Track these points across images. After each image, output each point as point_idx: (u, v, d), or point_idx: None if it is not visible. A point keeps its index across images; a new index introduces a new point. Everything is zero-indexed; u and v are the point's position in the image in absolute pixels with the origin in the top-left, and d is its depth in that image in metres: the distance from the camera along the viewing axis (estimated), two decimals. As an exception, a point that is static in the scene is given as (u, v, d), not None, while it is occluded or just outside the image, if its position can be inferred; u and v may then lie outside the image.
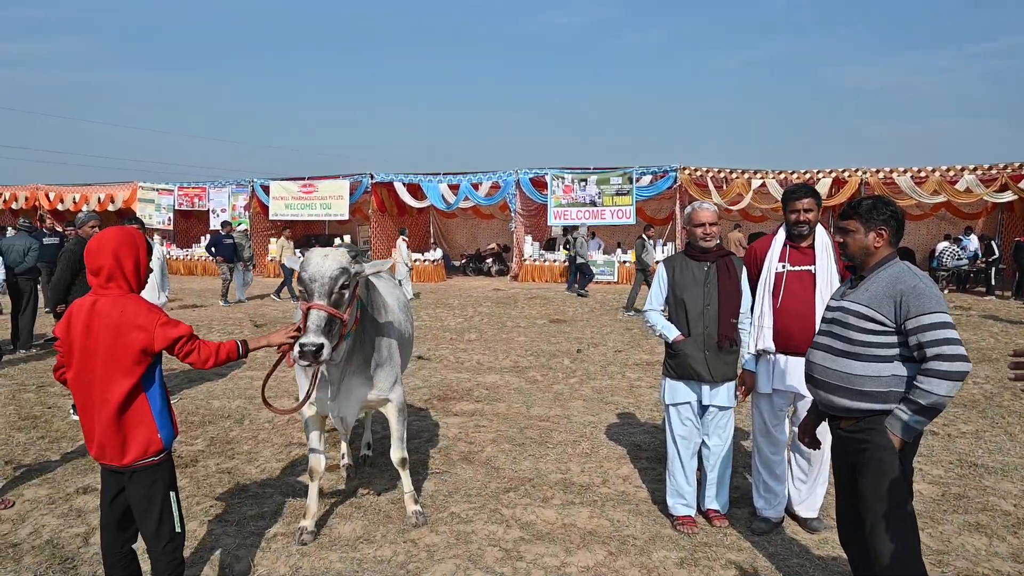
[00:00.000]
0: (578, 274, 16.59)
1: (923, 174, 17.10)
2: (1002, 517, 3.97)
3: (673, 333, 3.80)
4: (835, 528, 3.06)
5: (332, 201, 21.84)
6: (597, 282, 17.98)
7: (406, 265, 15.72)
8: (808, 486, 3.84)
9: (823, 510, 3.91)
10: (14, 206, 25.73)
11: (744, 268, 3.84)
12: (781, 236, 3.79)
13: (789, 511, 3.94)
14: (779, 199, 18.46)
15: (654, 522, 3.95)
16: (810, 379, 2.81)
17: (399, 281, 15.22)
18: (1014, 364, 2.69)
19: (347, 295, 3.23)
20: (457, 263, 23.23)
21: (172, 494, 2.78)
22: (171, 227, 24.32)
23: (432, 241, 24.36)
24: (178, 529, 2.78)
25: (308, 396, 3.40)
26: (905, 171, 17.25)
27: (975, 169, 16.60)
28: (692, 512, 3.90)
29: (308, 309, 3.05)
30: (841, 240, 2.76)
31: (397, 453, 3.99)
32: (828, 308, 2.85)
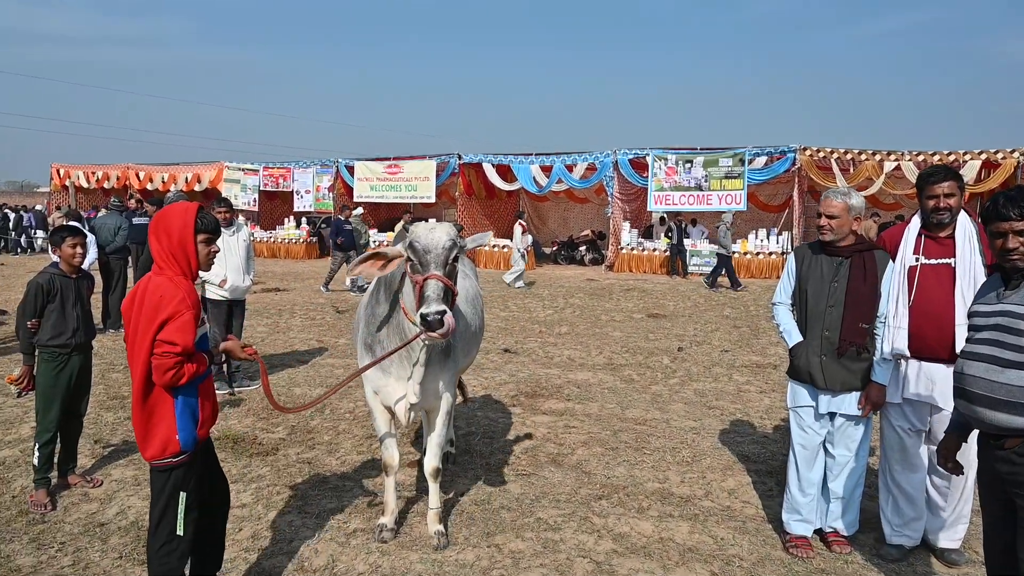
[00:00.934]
0: (722, 268, 15.68)
1: (1098, 155, 15.73)
2: None
3: (793, 339, 3.72)
4: (980, 563, 2.85)
5: (418, 183, 22.30)
6: (701, 273, 17.54)
7: (519, 251, 15.76)
8: (949, 512, 3.60)
9: (966, 541, 3.66)
10: (106, 185, 27.79)
11: (889, 265, 3.57)
12: (916, 224, 3.59)
13: (924, 540, 3.71)
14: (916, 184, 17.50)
15: (763, 542, 3.81)
16: (964, 394, 2.60)
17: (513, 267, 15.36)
18: None
19: (456, 268, 3.31)
20: (548, 250, 23.24)
21: (182, 495, 2.80)
22: (256, 208, 25.52)
23: (522, 227, 24.49)
24: (179, 532, 2.80)
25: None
26: (1074, 151, 15.90)
27: None
28: (808, 533, 3.75)
29: (426, 280, 3.10)
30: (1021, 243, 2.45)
31: (433, 462, 3.84)
32: (979, 313, 2.63)
